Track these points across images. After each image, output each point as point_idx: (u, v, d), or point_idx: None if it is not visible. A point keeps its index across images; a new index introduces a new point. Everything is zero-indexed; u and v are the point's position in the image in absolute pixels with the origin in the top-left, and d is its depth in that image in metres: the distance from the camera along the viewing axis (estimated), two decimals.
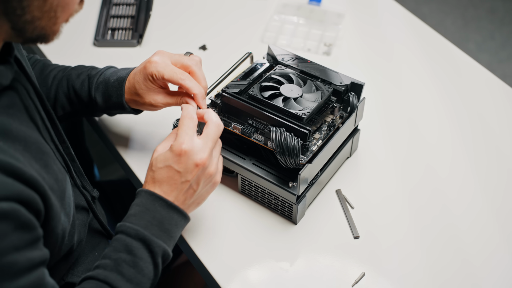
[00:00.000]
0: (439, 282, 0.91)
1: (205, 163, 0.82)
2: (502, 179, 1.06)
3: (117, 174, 1.90)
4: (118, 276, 0.77)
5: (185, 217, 0.83)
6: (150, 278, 0.80)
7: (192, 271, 1.26)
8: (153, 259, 0.79)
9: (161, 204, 0.81)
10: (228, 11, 1.41)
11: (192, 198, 0.84)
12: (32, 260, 0.67)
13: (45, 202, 0.70)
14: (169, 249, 0.81)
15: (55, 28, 0.74)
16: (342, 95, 1.01)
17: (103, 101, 0.99)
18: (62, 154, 0.84)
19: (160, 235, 0.80)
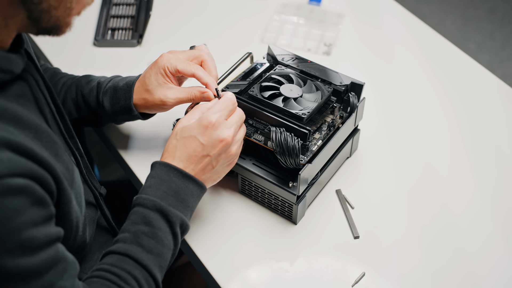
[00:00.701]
0: (439, 282, 0.91)
1: (229, 141, 0.84)
2: (502, 179, 1.06)
3: (117, 174, 1.90)
4: (139, 248, 0.78)
5: (201, 187, 0.84)
6: (170, 248, 0.80)
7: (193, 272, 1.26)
8: (171, 229, 0.80)
9: (176, 174, 0.82)
10: (228, 11, 1.41)
11: (210, 173, 0.85)
12: (50, 235, 0.67)
13: (57, 185, 0.70)
14: (186, 219, 0.82)
15: (68, 19, 0.75)
16: (342, 95, 1.01)
17: (111, 105, 0.99)
18: (71, 148, 0.85)
19: (176, 205, 0.81)
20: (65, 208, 0.73)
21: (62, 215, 0.73)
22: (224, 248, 0.94)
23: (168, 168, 0.83)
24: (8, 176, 0.62)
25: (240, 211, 0.99)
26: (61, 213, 0.73)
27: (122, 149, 1.09)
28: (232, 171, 0.99)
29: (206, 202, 1.00)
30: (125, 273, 0.76)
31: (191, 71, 0.92)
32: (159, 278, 0.79)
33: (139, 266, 0.77)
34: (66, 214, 0.74)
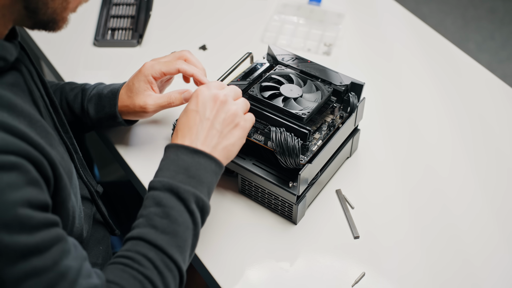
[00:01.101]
0: (439, 282, 0.91)
1: (220, 97, 0.83)
2: (502, 179, 1.06)
3: (117, 174, 1.90)
4: (152, 230, 0.75)
5: (212, 159, 0.81)
6: (188, 227, 0.77)
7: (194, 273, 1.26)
8: (186, 207, 0.77)
9: (183, 151, 0.80)
10: (228, 11, 1.41)
11: (217, 139, 0.82)
12: (48, 218, 0.66)
13: (54, 171, 0.69)
14: (201, 195, 0.79)
15: (65, 14, 0.75)
16: (342, 95, 1.01)
17: (95, 112, 1.00)
18: (66, 143, 0.84)
19: (187, 182, 0.78)
20: (63, 195, 0.72)
21: (59, 203, 0.72)
22: (224, 248, 0.94)
23: (176, 147, 0.81)
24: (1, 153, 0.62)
25: (240, 211, 0.99)
26: (58, 200, 0.72)
27: (122, 149, 1.09)
28: (232, 171, 0.99)
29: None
30: (139, 256, 0.74)
31: (175, 67, 0.95)
32: (177, 258, 0.75)
33: (153, 247, 0.74)
34: (63, 202, 0.73)
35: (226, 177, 1.03)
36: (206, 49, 1.31)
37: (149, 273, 0.73)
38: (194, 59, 0.98)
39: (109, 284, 0.71)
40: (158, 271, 0.73)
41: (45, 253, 0.64)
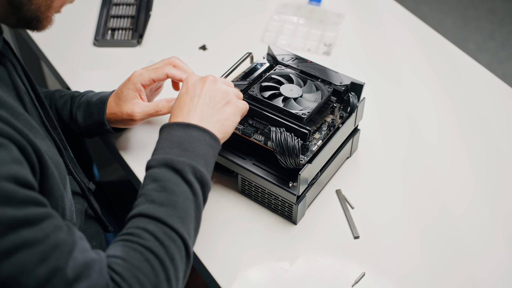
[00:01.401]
0: (439, 282, 0.91)
1: (210, 78, 0.85)
2: (502, 179, 1.06)
3: (117, 174, 1.90)
4: (150, 204, 0.74)
5: (206, 131, 0.81)
6: (187, 197, 0.75)
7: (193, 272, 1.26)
8: (182, 178, 0.76)
9: (175, 128, 0.80)
10: (228, 11, 1.41)
11: (208, 111, 0.82)
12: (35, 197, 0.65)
13: (39, 158, 0.68)
14: (198, 166, 0.77)
15: (49, 13, 0.75)
16: (342, 95, 1.01)
17: (84, 119, 1.01)
18: (54, 139, 0.84)
19: (182, 154, 0.77)
20: (50, 183, 0.71)
21: (47, 190, 0.71)
22: (224, 248, 0.94)
23: (168, 126, 0.81)
24: None
25: (240, 211, 0.99)
26: (46, 188, 0.71)
27: (122, 149, 1.09)
28: (232, 171, 0.99)
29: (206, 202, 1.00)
30: (138, 230, 0.72)
31: (163, 73, 0.96)
32: (179, 228, 0.73)
33: (152, 220, 0.72)
34: (51, 190, 0.72)
35: (226, 177, 1.03)
36: (206, 49, 1.31)
37: (149, 244, 0.70)
38: (183, 65, 0.98)
39: (109, 258, 0.70)
40: (159, 242, 0.71)
41: (35, 226, 0.63)
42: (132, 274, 0.68)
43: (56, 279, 0.62)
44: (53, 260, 0.63)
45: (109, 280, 0.67)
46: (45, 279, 0.61)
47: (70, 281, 0.63)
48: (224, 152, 0.97)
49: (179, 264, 0.72)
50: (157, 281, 0.69)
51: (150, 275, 0.69)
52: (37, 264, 0.61)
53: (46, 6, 0.73)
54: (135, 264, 0.69)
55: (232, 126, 0.85)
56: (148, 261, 0.69)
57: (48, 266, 0.62)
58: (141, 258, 0.69)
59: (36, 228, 0.63)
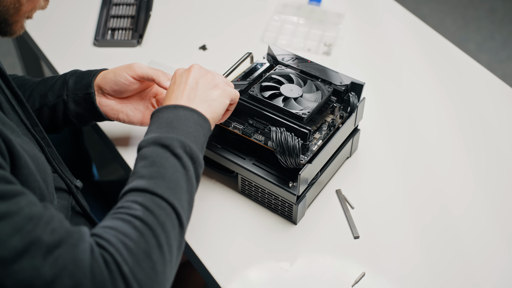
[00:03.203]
0: (439, 282, 0.91)
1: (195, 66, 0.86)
2: (502, 179, 1.06)
3: (117, 174, 1.90)
4: (139, 180, 0.73)
5: (193, 111, 0.81)
6: (177, 170, 0.74)
7: (192, 271, 1.26)
8: (171, 152, 0.75)
9: (163, 111, 0.81)
10: (228, 11, 1.41)
11: (194, 93, 0.83)
12: (6, 175, 0.64)
13: (9, 147, 0.67)
14: (187, 141, 0.77)
15: (17, 17, 0.74)
16: (342, 95, 1.01)
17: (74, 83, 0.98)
18: (35, 137, 0.83)
19: (170, 131, 0.77)
20: (24, 173, 0.70)
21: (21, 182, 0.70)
22: (224, 248, 0.94)
23: (157, 110, 0.81)
24: None
25: (240, 211, 0.99)
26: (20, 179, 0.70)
27: (122, 149, 1.09)
28: (232, 171, 0.99)
29: (206, 202, 1.00)
30: (127, 203, 0.71)
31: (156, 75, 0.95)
32: (168, 197, 0.71)
33: (141, 193, 0.71)
34: (26, 182, 0.71)
35: (226, 177, 1.03)
36: (206, 49, 1.31)
37: (138, 213, 0.69)
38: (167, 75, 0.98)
39: (96, 228, 0.69)
40: (149, 211, 0.70)
41: (8, 200, 0.62)
42: (119, 239, 0.67)
43: (34, 248, 0.61)
44: (28, 230, 0.62)
45: (94, 245, 0.65)
46: (22, 250, 0.61)
47: (50, 248, 0.62)
48: (224, 152, 0.97)
49: (171, 231, 0.71)
50: (147, 247, 0.67)
51: (139, 241, 0.67)
52: (11, 235, 0.61)
53: (14, 9, 0.73)
54: (123, 231, 0.68)
55: (221, 107, 0.85)
56: (137, 228, 0.68)
57: (24, 236, 0.61)
58: (129, 226, 0.68)
59: (10, 201, 0.62)
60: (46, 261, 0.61)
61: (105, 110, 0.99)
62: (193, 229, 0.96)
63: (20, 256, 0.61)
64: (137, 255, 0.66)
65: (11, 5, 0.72)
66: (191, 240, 0.95)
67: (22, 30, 0.78)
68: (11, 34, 0.77)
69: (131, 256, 0.66)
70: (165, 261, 0.69)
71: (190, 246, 0.94)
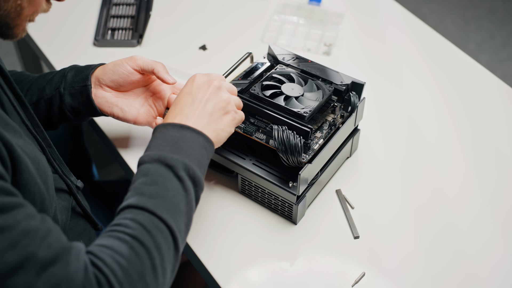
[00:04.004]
0: (439, 282, 0.91)
1: (215, 82, 0.84)
2: (502, 179, 1.06)
3: (117, 174, 1.90)
4: (139, 197, 0.73)
5: (200, 134, 0.80)
6: (178, 192, 0.74)
7: (192, 271, 1.26)
8: (174, 173, 0.75)
9: (170, 128, 0.80)
10: (228, 11, 1.41)
11: (206, 120, 0.82)
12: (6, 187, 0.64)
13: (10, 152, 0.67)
14: (191, 164, 0.77)
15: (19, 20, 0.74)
16: (343, 94, 1.01)
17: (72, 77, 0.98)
18: (36, 138, 0.83)
19: (175, 152, 0.77)
20: (24, 178, 0.70)
21: (21, 186, 0.70)
22: (224, 248, 0.94)
23: (163, 126, 0.81)
24: None
25: (240, 211, 0.99)
26: (20, 183, 0.70)
27: (122, 149, 1.09)
28: (232, 171, 0.99)
29: (206, 202, 1.00)
30: (126, 220, 0.71)
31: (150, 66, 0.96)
32: (167, 219, 0.71)
33: (140, 211, 0.71)
34: (26, 186, 0.71)
35: (226, 177, 1.03)
36: (206, 49, 1.31)
37: (136, 233, 0.69)
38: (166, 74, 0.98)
39: (92, 246, 0.68)
40: (146, 231, 0.69)
41: (4, 214, 0.61)
42: (114, 259, 0.66)
43: (28, 264, 0.61)
44: (24, 246, 0.61)
45: (89, 264, 0.65)
46: (16, 265, 0.60)
47: (44, 265, 0.62)
48: (224, 152, 0.97)
49: (166, 255, 0.71)
50: (142, 269, 0.67)
51: (134, 262, 0.67)
52: (6, 250, 0.60)
53: (16, 13, 0.72)
54: (119, 251, 0.67)
55: (226, 136, 0.86)
56: (133, 249, 0.68)
57: (19, 252, 0.61)
58: (126, 246, 0.68)
59: (6, 215, 0.62)
60: (39, 278, 0.61)
61: (100, 102, 0.97)
62: (193, 229, 0.96)
63: (14, 271, 0.60)
64: (131, 276, 0.66)
65: (12, 9, 0.72)
66: (191, 240, 0.95)
67: (24, 33, 0.78)
68: (12, 37, 0.77)
69: (125, 278, 0.66)
70: (158, 284, 0.69)
71: (190, 246, 0.94)
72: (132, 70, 0.96)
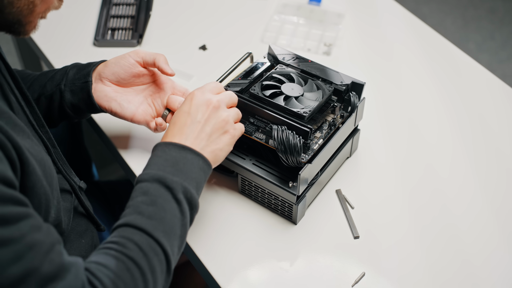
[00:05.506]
0: (439, 282, 0.91)
1: (214, 102, 0.84)
2: (502, 179, 1.06)
3: (117, 174, 1.90)
4: (138, 216, 0.74)
5: (200, 156, 0.81)
6: (175, 215, 0.76)
7: (193, 271, 1.26)
8: (173, 196, 0.77)
9: (171, 148, 0.81)
10: (228, 11, 1.41)
11: (206, 141, 0.83)
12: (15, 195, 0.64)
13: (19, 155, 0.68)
14: (189, 187, 0.78)
15: (31, 17, 0.74)
16: (343, 94, 1.01)
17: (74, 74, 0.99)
18: (41, 138, 0.84)
19: (175, 173, 0.78)
20: (32, 180, 0.71)
21: (28, 188, 0.71)
22: (224, 248, 0.94)
23: (164, 145, 0.82)
24: None
25: (240, 211, 0.99)
26: (27, 185, 0.70)
27: (122, 149, 1.09)
28: (232, 171, 0.99)
29: (206, 202, 1.00)
30: (124, 239, 0.72)
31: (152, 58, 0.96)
32: (163, 242, 0.73)
33: (138, 231, 0.73)
34: (33, 188, 0.71)
35: (226, 177, 1.03)
36: (206, 49, 1.31)
37: (133, 254, 0.71)
38: None
39: (90, 263, 0.69)
40: (143, 253, 0.71)
41: (11, 225, 0.62)
42: (111, 280, 0.68)
43: (30, 279, 0.62)
44: (28, 260, 0.62)
45: (86, 283, 0.66)
46: (18, 279, 0.61)
47: (44, 281, 0.63)
48: None
49: (159, 278, 0.73)
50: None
51: (129, 284, 0.69)
52: (10, 263, 0.61)
53: (28, 10, 0.73)
54: (116, 271, 0.69)
55: (224, 156, 0.87)
56: (130, 271, 0.70)
57: (22, 265, 0.61)
58: (122, 266, 0.70)
59: (13, 227, 0.62)
60: None
61: (98, 96, 0.97)
62: (193, 229, 0.96)
63: (15, 285, 0.61)
64: None
65: (25, 6, 0.72)
66: (191, 240, 0.95)
67: (35, 30, 0.78)
68: (24, 34, 0.77)
69: None
70: None
71: (190, 246, 0.94)
72: (134, 61, 0.96)
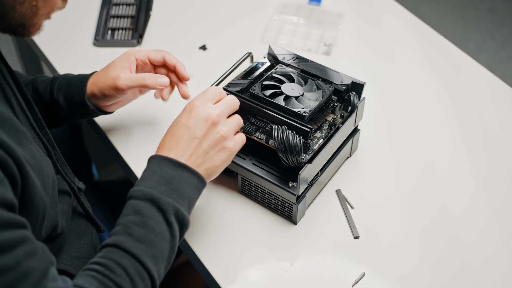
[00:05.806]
0: (439, 282, 0.91)
1: (214, 118, 0.82)
2: (502, 179, 1.06)
3: (117, 174, 1.90)
4: (128, 237, 0.74)
5: (195, 174, 0.80)
6: (165, 238, 0.76)
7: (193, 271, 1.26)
8: (164, 218, 0.76)
9: (167, 164, 0.80)
10: (228, 11, 1.41)
11: (202, 158, 0.82)
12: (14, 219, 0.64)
13: (20, 169, 0.68)
14: (182, 209, 0.78)
15: (35, 20, 0.74)
16: (343, 94, 1.01)
17: (65, 101, 0.99)
18: (42, 140, 0.84)
19: (169, 194, 0.78)
20: (31, 193, 0.71)
21: (27, 201, 0.71)
22: (224, 248, 0.94)
23: (159, 159, 0.80)
24: None
25: (240, 211, 0.99)
26: (27, 198, 0.71)
27: (122, 149, 1.09)
28: (232, 171, 0.99)
29: (206, 202, 1.00)
30: (112, 262, 0.72)
31: (161, 55, 0.97)
32: (151, 267, 0.74)
33: (127, 255, 0.73)
34: (32, 200, 0.72)
35: (226, 177, 1.03)
36: (206, 49, 1.31)
37: (120, 281, 0.71)
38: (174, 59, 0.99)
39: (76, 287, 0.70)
40: (130, 278, 0.72)
41: (8, 253, 0.62)
42: None
43: None
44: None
45: None
46: None
47: None
48: None
49: None
50: None
51: None
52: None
53: (31, 13, 0.73)
54: None
55: (219, 172, 0.85)
56: None
57: None
58: None
59: (9, 255, 0.62)
60: None
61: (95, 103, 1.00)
62: (193, 229, 0.96)
63: None
64: None
65: (28, 10, 0.72)
66: (191, 240, 0.95)
67: (40, 31, 0.78)
68: (29, 36, 0.77)
69: None
70: None
71: (190, 246, 0.95)
72: (120, 92, 0.96)
